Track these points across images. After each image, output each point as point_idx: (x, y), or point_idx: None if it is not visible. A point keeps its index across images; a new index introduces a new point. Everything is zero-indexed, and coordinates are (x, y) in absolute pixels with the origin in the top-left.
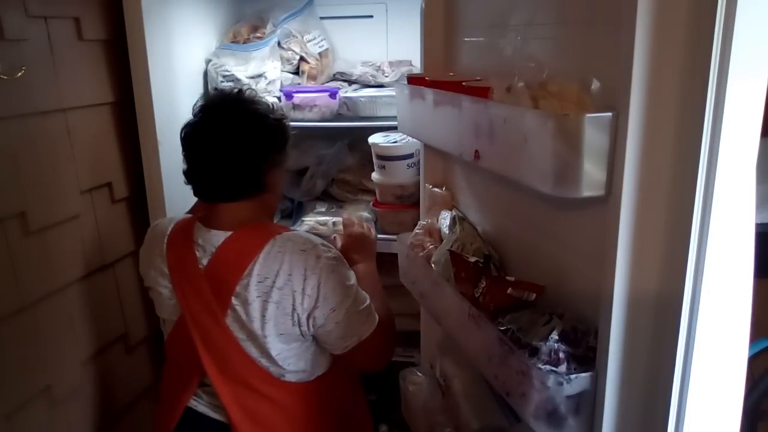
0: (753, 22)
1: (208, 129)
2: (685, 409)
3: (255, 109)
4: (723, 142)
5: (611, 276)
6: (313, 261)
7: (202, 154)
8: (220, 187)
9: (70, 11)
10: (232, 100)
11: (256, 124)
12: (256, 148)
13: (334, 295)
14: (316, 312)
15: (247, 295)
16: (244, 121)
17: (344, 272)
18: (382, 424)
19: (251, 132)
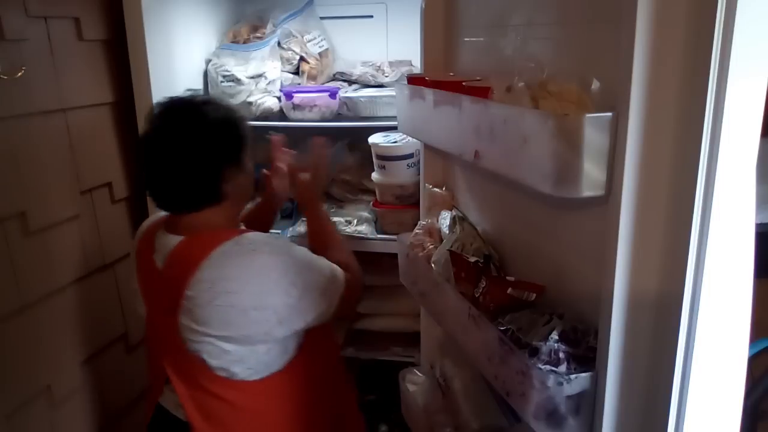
0: (753, 21)
1: (156, 140)
2: (685, 409)
3: (203, 117)
4: (723, 142)
5: (611, 276)
6: (263, 260)
7: (153, 166)
8: (174, 199)
9: (70, 11)
10: (181, 108)
11: (203, 133)
12: (205, 159)
13: (305, 285)
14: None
15: (196, 298)
16: (191, 131)
17: (300, 260)
18: (382, 424)
19: (199, 143)
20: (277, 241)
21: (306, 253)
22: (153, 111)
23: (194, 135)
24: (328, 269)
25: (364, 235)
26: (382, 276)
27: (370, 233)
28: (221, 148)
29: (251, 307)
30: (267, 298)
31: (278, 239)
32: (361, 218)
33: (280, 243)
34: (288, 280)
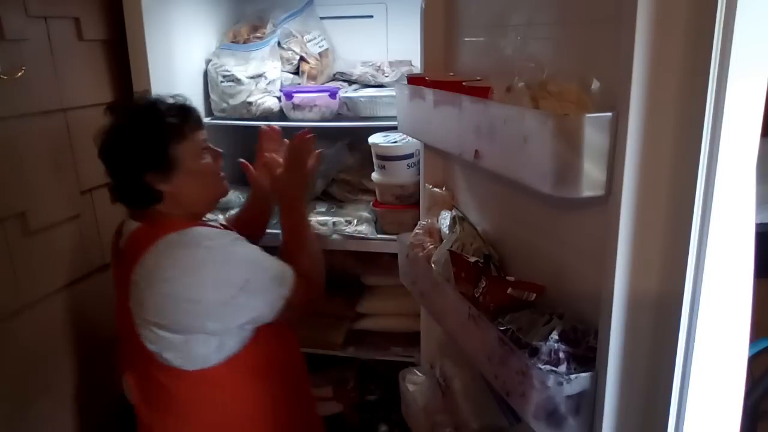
0: (753, 21)
1: (99, 148)
2: (685, 409)
3: (122, 124)
4: (723, 142)
5: (611, 276)
6: (201, 254)
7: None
8: (122, 198)
9: (70, 11)
10: (114, 115)
11: (120, 143)
12: (124, 168)
13: (243, 285)
14: (228, 304)
15: (138, 283)
16: (112, 141)
17: (242, 259)
18: (382, 424)
19: (117, 153)
20: (223, 237)
21: (252, 252)
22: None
23: (114, 145)
24: (275, 272)
25: (364, 235)
26: (382, 276)
27: (370, 233)
28: (136, 152)
29: (184, 298)
30: (200, 291)
31: (226, 236)
32: (361, 218)
33: (224, 240)
34: (223, 276)
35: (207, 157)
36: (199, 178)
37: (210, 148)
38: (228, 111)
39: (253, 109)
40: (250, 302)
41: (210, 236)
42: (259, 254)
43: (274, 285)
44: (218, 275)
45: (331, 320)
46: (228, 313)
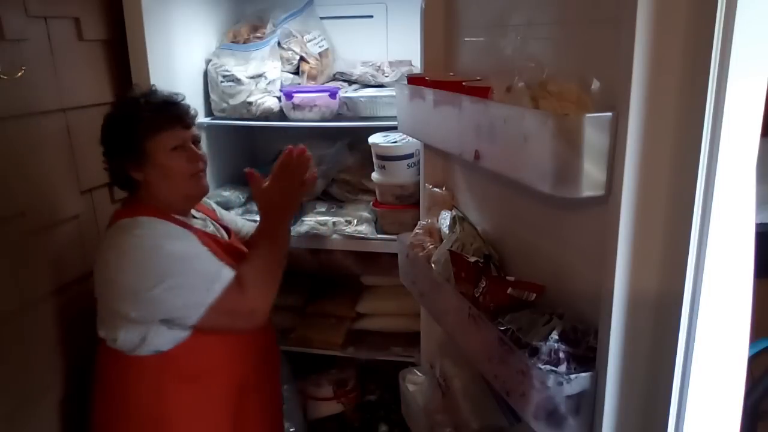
0: (753, 21)
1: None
2: (685, 409)
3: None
4: (723, 142)
5: (611, 276)
6: (130, 241)
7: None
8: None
9: (70, 11)
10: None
11: (105, 130)
12: (108, 157)
13: (164, 279)
14: (143, 295)
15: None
16: (102, 126)
17: (171, 254)
18: (382, 424)
19: (103, 138)
20: (161, 230)
21: (184, 251)
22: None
23: (101, 132)
24: (204, 276)
25: (364, 235)
26: (382, 276)
27: (370, 233)
28: (113, 143)
29: (107, 279)
30: (120, 275)
31: (165, 228)
32: (361, 218)
33: (157, 231)
34: (143, 266)
35: (178, 156)
36: (168, 174)
37: (187, 148)
38: (228, 111)
39: (253, 109)
40: (168, 299)
41: (145, 226)
42: (194, 255)
43: (198, 289)
44: (139, 264)
45: (331, 320)
46: (142, 303)
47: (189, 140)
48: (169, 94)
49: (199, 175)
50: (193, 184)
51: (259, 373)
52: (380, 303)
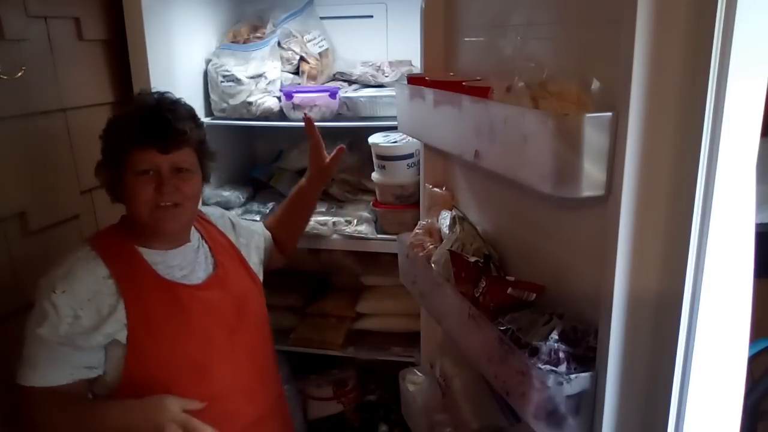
0: (753, 21)
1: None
2: (685, 409)
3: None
4: (723, 142)
5: (611, 276)
6: (45, 273)
7: None
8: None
9: (70, 11)
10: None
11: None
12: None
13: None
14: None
15: None
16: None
17: (34, 313)
18: (382, 424)
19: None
20: (47, 284)
21: (36, 322)
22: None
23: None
24: (29, 352)
25: (364, 235)
26: (382, 276)
27: (370, 233)
28: (104, 147)
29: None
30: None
31: (54, 290)
32: (361, 218)
33: (45, 286)
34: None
35: (145, 182)
36: (129, 197)
37: (161, 176)
38: (228, 111)
39: (253, 109)
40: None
41: (67, 261)
42: (41, 332)
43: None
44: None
45: (331, 320)
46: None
47: (165, 167)
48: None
49: (166, 209)
50: (155, 218)
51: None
52: (380, 303)
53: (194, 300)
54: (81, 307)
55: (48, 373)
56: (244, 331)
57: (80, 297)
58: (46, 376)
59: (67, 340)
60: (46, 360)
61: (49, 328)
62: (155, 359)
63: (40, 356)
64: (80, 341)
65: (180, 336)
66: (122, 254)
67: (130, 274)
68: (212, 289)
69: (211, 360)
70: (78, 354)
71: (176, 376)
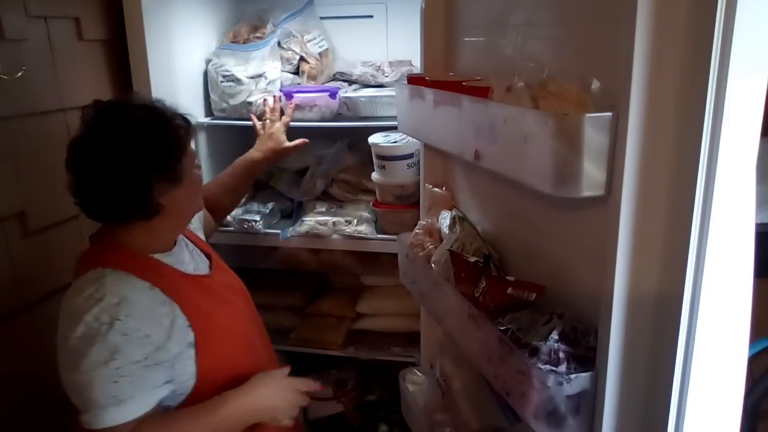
0: (753, 21)
1: (84, 144)
2: (685, 409)
3: (133, 121)
4: (723, 142)
5: (611, 276)
6: (82, 312)
7: (81, 171)
8: (98, 207)
9: (70, 11)
10: (112, 110)
11: (130, 139)
12: (131, 166)
13: (72, 358)
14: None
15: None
16: (118, 135)
17: (95, 349)
18: (382, 424)
19: (125, 148)
20: (106, 315)
21: (106, 358)
22: (86, 113)
23: (121, 140)
24: (95, 400)
25: (364, 235)
26: (382, 276)
27: (370, 233)
28: (150, 156)
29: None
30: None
31: (119, 317)
32: (361, 218)
33: (104, 318)
34: (74, 344)
35: (197, 168)
36: (196, 194)
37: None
38: (228, 111)
39: (253, 109)
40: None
41: (108, 301)
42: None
43: (78, 400)
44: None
45: (331, 320)
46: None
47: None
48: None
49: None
50: (201, 196)
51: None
52: (380, 303)
53: (217, 286)
54: (148, 325)
55: (137, 402)
56: (251, 305)
57: (142, 315)
58: (135, 408)
59: (147, 361)
60: (130, 390)
61: (125, 358)
62: (220, 346)
63: (124, 389)
64: (159, 357)
65: (228, 318)
66: (146, 265)
67: (165, 279)
68: (219, 275)
69: (251, 332)
70: (157, 372)
71: (238, 355)
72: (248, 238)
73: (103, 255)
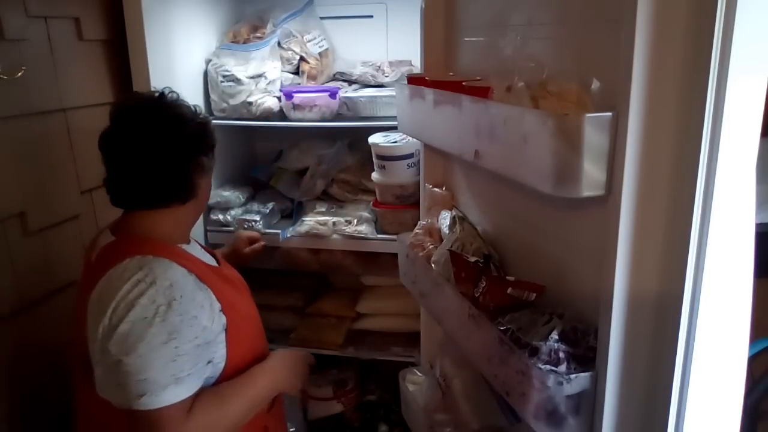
0: (753, 21)
1: (127, 132)
2: (685, 409)
3: (176, 112)
4: (723, 142)
5: (611, 276)
6: (134, 296)
7: (121, 157)
8: (138, 190)
9: (70, 11)
10: (152, 102)
11: (177, 125)
12: (179, 148)
13: (126, 342)
14: (109, 344)
15: (90, 308)
16: (165, 122)
17: (152, 331)
18: (382, 424)
19: (173, 133)
20: (162, 296)
21: (165, 339)
22: (116, 106)
23: (167, 125)
24: (148, 376)
25: (364, 235)
26: (382, 276)
27: (370, 233)
28: (193, 139)
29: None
30: (103, 318)
31: (175, 297)
32: (361, 218)
33: (161, 300)
34: (127, 329)
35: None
36: (210, 183)
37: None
38: (228, 111)
39: (253, 109)
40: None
41: (160, 283)
42: (192, 342)
43: (133, 383)
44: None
45: (331, 320)
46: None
47: None
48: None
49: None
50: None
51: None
52: (380, 303)
53: (230, 276)
54: (194, 307)
55: (193, 380)
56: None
57: (190, 298)
58: (192, 385)
59: (198, 341)
60: (187, 369)
61: (183, 338)
62: (245, 332)
63: (182, 368)
64: (205, 337)
65: (247, 306)
66: (178, 254)
67: (196, 267)
68: (227, 269)
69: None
70: (204, 352)
71: (256, 341)
72: None
73: (135, 245)
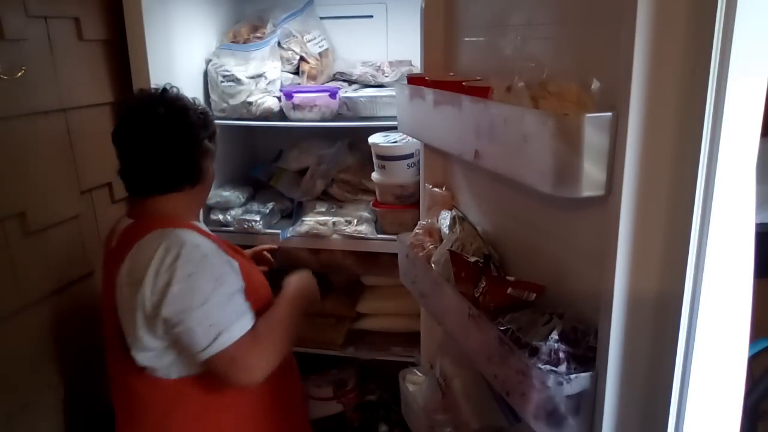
0: (753, 21)
1: (137, 125)
2: (685, 409)
3: (179, 104)
4: (723, 142)
5: (611, 276)
6: (170, 260)
7: (135, 148)
8: (153, 178)
9: (70, 11)
10: (157, 97)
11: (182, 115)
12: (186, 136)
13: (182, 300)
14: (164, 310)
15: (121, 283)
16: (171, 113)
17: (201, 283)
18: (382, 424)
19: (180, 122)
20: (196, 253)
21: (214, 285)
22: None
23: (173, 114)
24: (216, 321)
25: (364, 235)
26: (382, 276)
27: (370, 233)
28: (198, 125)
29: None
30: (143, 288)
31: (207, 253)
32: (361, 218)
33: (196, 257)
34: (168, 284)
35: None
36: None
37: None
38: (228, 111)
39: (253, 109)
40: (181, 329)
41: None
42: (223, 293)
43: (206, 332)
44: (193, 286)
45: (331, 320)
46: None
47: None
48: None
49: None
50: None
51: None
52: (380, 303)
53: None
54: (225, 262)
55: (249, 313)
56: None
57: (217, 254)
58: (250, 317)
59: (239, 286)
60: (242, 304)
61: (229, 282)
62: (259, 291)
63: (239, 303)
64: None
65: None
66: (193, 227)
67: (210, 236)
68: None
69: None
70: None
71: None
72: (248, 238)
73: (155, 222)
